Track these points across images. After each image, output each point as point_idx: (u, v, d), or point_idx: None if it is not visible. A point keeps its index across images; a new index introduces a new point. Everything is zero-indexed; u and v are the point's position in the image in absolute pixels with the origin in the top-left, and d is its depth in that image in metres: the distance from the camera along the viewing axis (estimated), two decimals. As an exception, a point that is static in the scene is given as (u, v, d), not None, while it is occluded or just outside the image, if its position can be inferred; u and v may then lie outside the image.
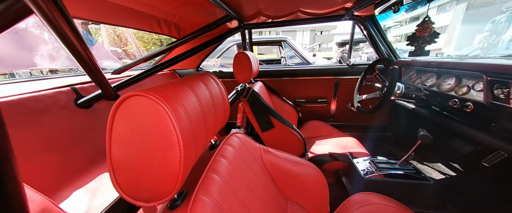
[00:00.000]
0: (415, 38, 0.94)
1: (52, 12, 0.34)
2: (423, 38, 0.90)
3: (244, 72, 1.14)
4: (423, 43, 0.92)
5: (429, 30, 0.86)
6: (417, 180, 0.80)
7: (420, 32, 0.90)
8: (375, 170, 0.87)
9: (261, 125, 1.10)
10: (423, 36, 0.89)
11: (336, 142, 1.37)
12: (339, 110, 1.75)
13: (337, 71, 1.62)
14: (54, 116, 0.73)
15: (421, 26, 0.88)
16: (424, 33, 0.88)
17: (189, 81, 0.41)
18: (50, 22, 0.35)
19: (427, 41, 0.90)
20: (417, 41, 0.94)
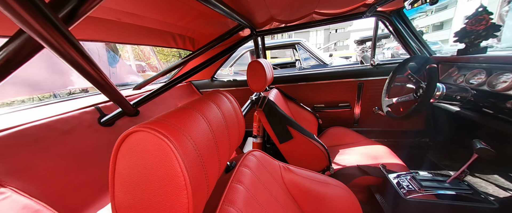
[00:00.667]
0: (465, 33, 0.79)
1: (61, 44, 0.33)
2: (476, 32, 0.75)
3: (259, 81, 1.10)
4: (477, 39, 0.77)
5: (485, 23, 0.71)
6: (476, 202, 0.65)
7: (472, 25, 0.75)
8: (418, 189, 0.74)
9: (279, 136, 1.03)
10: (477, 30, 0.74)
11: (364, 151, 1.23)
12: (364, 115, 1.59)
13: (359, 72, 1.48)
14: (80, 136, 0.76)
15: (473, 18, 0.74)
16: (478, 26, 0.73)
17: (199, 104, 0.38)
18: (62, 54, 0.35)
19: (483, 36, 0.74)
20: (469, 36, 0.78)
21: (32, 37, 0.30)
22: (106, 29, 0.83)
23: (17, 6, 0.24)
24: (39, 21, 0.27)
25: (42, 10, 0.27)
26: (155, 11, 0.84)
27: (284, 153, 1.07)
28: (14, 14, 0.25)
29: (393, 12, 1.18)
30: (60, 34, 0.32)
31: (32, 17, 0.26)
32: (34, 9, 0.26)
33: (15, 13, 0.25)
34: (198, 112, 0.35)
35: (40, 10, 0.27)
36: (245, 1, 0.86)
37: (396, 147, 1.54)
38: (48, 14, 0.28)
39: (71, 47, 0.35)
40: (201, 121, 0.34)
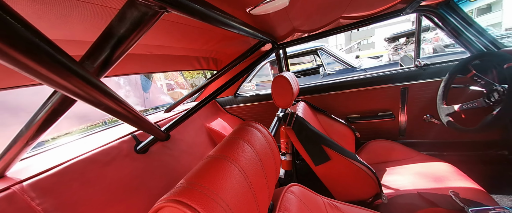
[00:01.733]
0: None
1: (94, 96, 0.33)
2: None
3: (285, 97, 1.03)
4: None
5: None
6: None
7: None
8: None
9: (314, 158, 0.92)
10: None
11: (420, 170, 1.02)
12: (413, 124, 1.35)
13: (402, 75, 1.28)
14: (119, 166, 0.79)
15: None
16: None
17: (231, 148, 0.33)
18: (95, 103, 0.34)
19: None
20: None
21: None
22: (139, 63, 0.88)
23: (51, 74, 0.23)
24: (73, 81, 0.26)
25: (76, 72, 0.26)
26: (182, 41, 0.86)
27: (321, 176, 0.95)
28: (50, 81, 0.24)
29: (440, 4, 0.99)
30: (94, 87, 0.31)
31: (65, 80, 0.26)
32: (67, 73, 0.25)
33: (51, 80, 0.24)
34: (232, 161, 0.31)
35: (73, 71, 0.26)
36: (267, 18, 0.82)
37: (461, 162, 1.24)
38: (83, 73, 0.28)
39: (104, 96, 0.34)
40: (236, 173, 0.30)
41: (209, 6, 0.44)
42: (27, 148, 0.55)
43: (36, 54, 0.21)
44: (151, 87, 1.78)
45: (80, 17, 0.37)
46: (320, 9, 0.89)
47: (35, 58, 0.21)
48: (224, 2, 0.60)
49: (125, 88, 1.75)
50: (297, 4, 0.73)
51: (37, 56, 0.21)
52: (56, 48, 0.24)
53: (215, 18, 0.48)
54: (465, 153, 1.25)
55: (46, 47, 0.22)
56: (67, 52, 0.28)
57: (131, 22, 0.30)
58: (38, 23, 0.35)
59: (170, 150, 1.05)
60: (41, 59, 0.22)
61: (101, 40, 0.32)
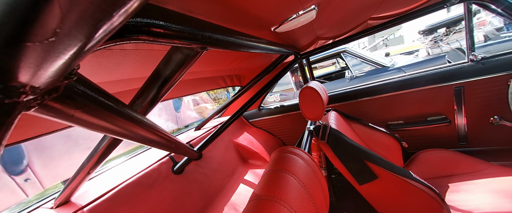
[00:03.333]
0: None
1: (141, 135, 0.34)
2: None
3: (315, 108, 0.97)
4: None
5: None
6: None
7: None
8: None
9: (357, 176, 0.82)
10: None
11: (497, 186, 0.82)
12: (475, 128, 1.13)
13: (453, 73, 1.09)
14: (160, 188, 0.83)
15: None
16: None
17: (276, 188, 0.31)
18: (139, 140, 0.36)
19: None
20: None
21: None
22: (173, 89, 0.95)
23: (110, 125, 0.25)
24: (123, 125, 0.28)
25: (125, 115, 0.28)
26: (210, 64, 0.91)
27: (367, 196, 0.84)
28: (109, 131, 0.26)
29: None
30: (140, 126, 0.33)
31: (117, 126, 0.27)
32: (118, 117, 0.27)
33: (110, 131, 0.26)
34: (281, 202, 0.28)
35: (123, 115, 0.28)
36: (291, 32, 0.81)
37: None
38: (132, 115, 0.30)
39: (147, 130, 0.36)
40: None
41: (238, 35, 0.45)
42: (88, 177, 0.62)
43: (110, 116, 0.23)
44: (182, 107, 1.92)
45: (131, 61, 0.41)
46: (347, 15, 0.84)
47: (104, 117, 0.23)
48: (249, 25, 0.61)
49: (163, 111, 1.93)
50: (324, 15, 0.70)
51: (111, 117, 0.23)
52: (117, 102, 0.26)
53: (243, 45, 0.49)
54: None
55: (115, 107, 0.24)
56: (118, 89, 0.31)
57: (176, 63, 0.32)
58: (98, 71, 0.40)
59: (203, 169, 1.07)
60: (109, 117, 0.24)
61: (149, 82, 0.35)
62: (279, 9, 0.54)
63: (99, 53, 0.32)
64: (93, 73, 0.40)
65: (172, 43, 0.24)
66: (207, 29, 0.31)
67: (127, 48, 0.34)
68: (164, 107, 1.94)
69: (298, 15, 0.60)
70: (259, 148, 1.51)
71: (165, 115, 1.71)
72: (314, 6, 0.58)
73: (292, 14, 0.59)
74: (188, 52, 0.31)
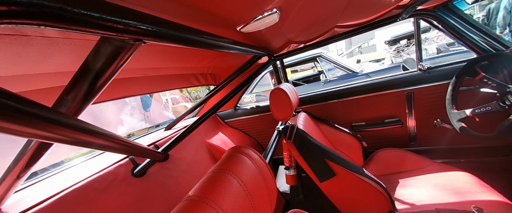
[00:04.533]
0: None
1: (72, 137, 0.31)
2: None
3: (284, 109, 1.00)
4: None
5: None
6: None
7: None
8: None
9: (318, 174, 0.87)
10: None
11: (437, 181, 0.94)
12: (422, 130, 1.28)
13: (405, 80, 1.23)
14: (114, 192, 0.77)
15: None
16: None
17: (211, 189, 0.30)
18: (71, 142, 0.33)
19: None
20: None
21: None
22: (136, 85, 0.89)
23: (19, 127, 0.22)
24: (44, 128, 0.25)
25: (47, 118, 0.25)
26: (177, 61, 0.87)
27: (327, 193, 0.89)
28: (20, 134, 0.23)
29: (438, 7, 0.97)
30: (68, 128, 0.29)
31: (36, 129, 0.24)
32: (37, 121, 0.24)
33: (21, 133, 0.23)
34: (212, 204, 0.27)
35: (44, 118, 0.25)
36: (259, 34, 0.82)
37: (480, 170, 1.14)
38: (55, 118, 0.26)
39: (81, 133, 0.33)
40: None
41: (193, 32, 0.44)
42: (19, 181, 0.54)
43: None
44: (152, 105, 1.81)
45: (63, 52, 0.37)
46: (313, 21, 0.88)
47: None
48: (213, 24, 0.60)
49: (130, 105, 1.78)
50: (288, 19, 0.73)
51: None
52: (22, 100, 0.22)
53: (202, 42, 0.48)
54: (485, 159, 1.15)
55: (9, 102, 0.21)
56: (58, 84, 0.27)
57: (106, 56, 0.29)
58: (21, 62, 0.35)
59: (169, 170, 1.02)
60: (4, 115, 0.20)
61: (78, 76, 0.31)
62: (241, 10, 0.54)
63: (13, 40, 0.28)
64: (14, 65, 0.35)
65: (87, 31, 0.22)
66: (146, 21, 0.29)
67: (50, 35, 0.30)
68: (131, 109, 1.79)
69: (263, 16, 0.61)
70: (232, 148, 1.50)
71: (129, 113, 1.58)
72: (275, 9, 0.59)
73: (256, 15, 0.60)
74: (120, 45, 0.28)
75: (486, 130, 0.85)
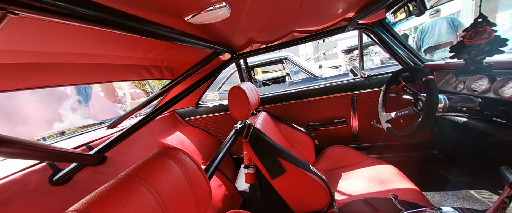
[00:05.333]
0: (463, 48, 0.70)
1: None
2: (478, 47, 0.66)
3: (241, 108, 0.99)
4: (479, 55, 0.68)
5: (486, 36, 0.62)
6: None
7: (471, 39, 0.66)
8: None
9: (270, 171, 0.89)
10: (478, 44, 0.65)
11: (370, 174, 1.09)
12: (363, 129, 1.48)
13: (351, 85, 1.40)
14: (20, 205, 0.61)
15: (472, 30, 0.65)
16: (478, 40, 0.64)
17: (110, 198, 0.26)
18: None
19: (486, 51, 0.65)
20: (469, 52, 0.70)
21: None
22: (60, 73, 0.73)
23: None
24: None
25: None
26: (117, 49, 0.75)
27: (278, 189, 0.92)
28: None
29: (376, 23, 1.13)
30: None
31: None
32: None
33: None
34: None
35: None
36: (214, 28, 0.79)
37: (403, 163, 1.39)
38: None
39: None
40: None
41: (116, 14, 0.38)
42: None
43: None
44: (92, 99, 1.51)
45: None
46: (271, 22, 0.90)
47: None
48: (154, 9, 0.54)
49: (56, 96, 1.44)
50: (242, 16, 0.72)
51: None
52: None
53: (127, 26, 0.41)
54: (405, 154, 1.41)
55: None
56: None
57: None
58: None
59: (106, 175, 0.88)
60: None
61: None
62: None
63: None
64: None
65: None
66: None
67: None
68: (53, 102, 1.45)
69: (214, 8, 0.58)
70: (191, 148, 1.41)
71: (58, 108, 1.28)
72: (224, 3, 0.57)
73: (204, 6, 0.56)
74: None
75: (405, 130, 1.04)
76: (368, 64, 3.35)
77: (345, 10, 0.87)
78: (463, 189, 1.08)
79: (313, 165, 1.38)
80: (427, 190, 1.13)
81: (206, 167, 0.70)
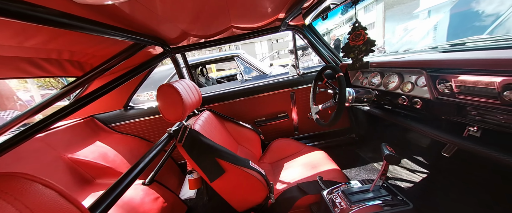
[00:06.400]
0: (350, 49, 0.86)
1: None
2: (358, 47, 0.83)
3: (174, 109, 0.89)
4: (360, 54, 0.85)
5: (362, 38, 0.79)
6: (396, 207, 0.68)
7: (353, 40, 0.82)
8: (349, 207, 0.72)
9: (209, 173, 0.84)
10: (358, 45, 0.82)
11: (305, 161, 1.22)
12: (301, 121, 1.64)
13: (290, 82, 1.52)
14: None
15: (352, 33, 0.81)
16: (357, 41, 0.81)
17: None
18: None
19: (364, 51, 0.83)
20: (353, 51, 0.86)
21: None
22: None
23: None
24: None
25: None
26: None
27: (219, 191, 0.89)
28: None
29: (305, 26, 1.26)
30: None
31: None
32: None
33: None
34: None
35: None
36: (125, 14, 0.65)
37: (331, 148, 1.64)
38: None
39: None
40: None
41: None
42: None
43: None
44: None
45: None
46: (201, 15, 0.83)
47: None
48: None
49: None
50: (157, 2, 0.62)
51: None
52: None
53: None
54: (333, 139, 1.67)
55: None
56: None
57: None
58: None
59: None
60: None
61: None
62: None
63: None
64: None
65: None
66: None
67: None
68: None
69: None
70: (117, 160, 1.17)
71: None
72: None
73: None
74: None
75: (328, 119, 1.21)
76: (309, 64, 3.81)
77: (274, 10, 0.91)
78: (370, 163, 1.38)
79: (260, 159, 1.43)
80: (346, 168, 1.38)
81: (115, 183, 0.58)
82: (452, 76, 0.68)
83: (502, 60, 0.56)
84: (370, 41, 0.79)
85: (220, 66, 8.81)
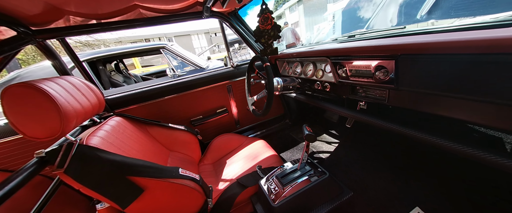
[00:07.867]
0: (260, 33, 0.88)
1: None
2: (267, 32, 0.86)
3: (43, 120, 0.59)
4: (269, 39, 0.88)
5: (269, 22, 0.82)
6: (316, 177, 0.78)
7: (262, 24, 0.83)
8: (282, 189, 0.76)
9: (119, 200, 0.64)
10: (267, 29, 0.84)
11: (246, 153, 1.20)
12: (241, 114, 1.63)
13: (226, 75, 1.44)
14: None
15: (261, 16, 0.82)
16: (266, 26, 0.83)
17: None
18: None
19: (272, 36, 0.87)
20: (264, 36, 0.89)
21: None
22: None
23: None
24: None
25: None
26: None
27: None
28: None
29: (231, 14, 1.20)
30: None
31: None
32: None
33: None
34: None
35: None
36: None
37: (270, 136, 1.74)
38: None
39: None
40: None
41: None
42: None
43: None
44: None
45: None
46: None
47: None
48: None
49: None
50: None
51: None
52: None
53: None
54: (271, 127, 1.78)
55: None
56: None
57: None
58: None
59: None
60: None
61: None
62: None
63: None
64: None
65: None
66: None
67: None
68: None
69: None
70: None
71: None
72: None
73: None
74: None
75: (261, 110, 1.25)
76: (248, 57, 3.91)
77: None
78: (301, 143, 1.58)
79: (200, 162, 1.29)
80: (282, 151, 1.51)
81: None
82: (347, 62, 0.83)
83: (377, 47, 0.71)
84: (277, 26, 0.83)
85: (148, 61, 7.39)
